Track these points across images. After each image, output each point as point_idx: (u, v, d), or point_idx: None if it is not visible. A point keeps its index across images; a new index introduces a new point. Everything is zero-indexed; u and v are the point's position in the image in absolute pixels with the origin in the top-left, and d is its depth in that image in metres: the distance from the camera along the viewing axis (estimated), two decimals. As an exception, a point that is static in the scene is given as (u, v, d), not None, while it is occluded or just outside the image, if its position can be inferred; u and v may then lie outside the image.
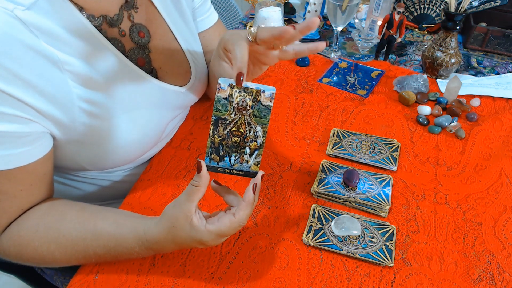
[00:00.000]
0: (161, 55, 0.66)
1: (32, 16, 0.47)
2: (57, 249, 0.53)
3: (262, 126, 0.48)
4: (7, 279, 1.40)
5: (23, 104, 0.47)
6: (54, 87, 0.50)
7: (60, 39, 0.50)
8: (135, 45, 0.62)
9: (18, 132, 0.48)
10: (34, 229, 0.53)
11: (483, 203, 0.66)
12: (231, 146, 0.48)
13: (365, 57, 1.06)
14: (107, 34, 0.57)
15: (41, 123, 0.51)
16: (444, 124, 0.80)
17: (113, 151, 0.61)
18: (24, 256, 0.54)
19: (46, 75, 0.49)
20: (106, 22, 0.57)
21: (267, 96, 0.47)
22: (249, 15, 1.24)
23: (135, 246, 0.52)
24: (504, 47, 1.03)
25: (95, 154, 0.60)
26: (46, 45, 0.48)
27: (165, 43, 0.67)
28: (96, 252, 0.53)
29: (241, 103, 0.47)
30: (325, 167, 0.71)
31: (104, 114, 0.57)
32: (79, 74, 0.52)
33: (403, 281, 0.56)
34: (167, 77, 0.67)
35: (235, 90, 0.46)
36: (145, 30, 0.63)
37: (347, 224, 0.60)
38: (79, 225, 0.54)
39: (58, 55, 0.50)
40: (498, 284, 0.55)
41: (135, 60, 0.61)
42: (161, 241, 0.51)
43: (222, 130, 0.47)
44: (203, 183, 0.47)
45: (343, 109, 0.86)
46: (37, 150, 0.52)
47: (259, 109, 0.47)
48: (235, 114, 0.47)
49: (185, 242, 0.50)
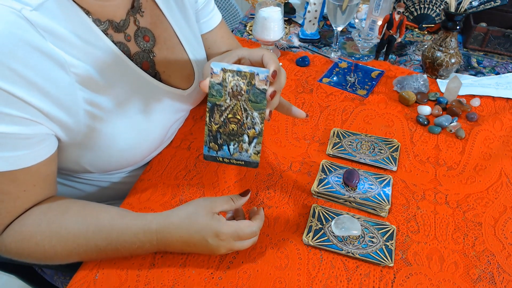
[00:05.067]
0: (165, 58, 0.66)
1: (40, 17, 0.46)
2: (59, 242, 0.53)
3: (259, 112, 0.46)
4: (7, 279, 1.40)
5: (28, 105, 0.47)
6: (59, 89, 0.50)
7: (67, 41, 0.50)
8: (140, 49, 0.62)
9: (22, 134, 0.48)
10: (36, 223, 0.53)
11: (483, 203, 0.66)
12: (228, 134, 0.47)
13: (365, 57, 1.06)
14: (113, 39, 0.57)
15: (46, 125, 0.51)
16: (444, 124, 0.80)
17: (116, 154, 0.61)
18: (25, 252, 0.54)
19: (52, 76, 0.49)
20: (112, 27, 0.57)
21: (262, 79, 0.45)
22: (249, 15, 1.24)
23: (139, 233, 0.52)
24: (504, 47, 1.03)
25: (98, 157, 0.60)
26: (53, 46, 0.48)
27: (169, 47, 0.67)
28: (97, 244, 0.53)
29: (235, 87, 0.46)
30: (325, 167, 0.71)
31: (109, 117, 0.57)
32: (85, 77, 0.52)
33: (403, 281, 0.56)
34: (170, 80, 0.67)
35: (228, 74, 0.45)
36: (150, 34, 0.63)
37: (347, 224, 0.60)
38: (81, 219, 0.54)
39: (65, 57, 0.49)
40: (498, 284, 0.55)
41: (140, 64, 0.61)
42: (173, 228, 0.52)
43: (218, 117, 0.46)
44: (238, 204, 0.55)
45: (343, 109, 0.86)
46: (41, 152, 0.52)
47: (254, 93, 0.46)
48: (230, 99, 0.46)
49: (199, 233, 0.51)
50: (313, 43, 1.11)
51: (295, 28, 1.18)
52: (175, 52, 0.68)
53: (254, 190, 0.68)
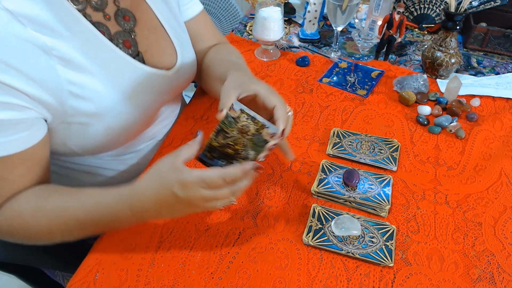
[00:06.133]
0: (147, 39, 0.67)
1: (19, 4, 0.48)
2: (42, 217, 0.54)
3: (255, 152, 0.51)
4: (7, 279, 1.40)
5: (17, 91, 0.49)
6: (43, 72, 0.52)
7: (46, 25, 0.51)
8: (121, 28, 0.63)
9: (14, 119, 0.50)
10: (26, 201, 0.55)
11: (483, 203, 0.66)
12: (224, 154, 0.52)
13: (365, 57, 1.06)
14: (91, 18, 0.58)
15: (35, 109, 0.52)
16: (444, 124, 0.80)
17: (101, 134, 0.62)
18: (14, 230, 0.56)
19: (35, 62, 0.51)
20: (91, 6, 0.58)
21: (269, 133, 0.50)
22: (249, 15, 1.24)
23: (112, 203, 0.53)
24: (504, 47, 1.03)
25: (84, 137, 0.61)
26: (33, 32, 0.50)
27: (151, 28, 0.68)
28: (77, 218, 0.54)
29: (245, 127, 0.50)
30: (325, 167, 0.71)
31: (92, 97, 0.58)
32: (66, 58, 0.54)
33: (403, 281, 0.56)
34: (152, 60, 0.68)
35: (244, 115, 0.49)
36: (130, 14, 0.65)
37: (347, 224, 0.60)
38: (65, 194, 0.56)
39: (46, 41, 0.51)
40: (498, 284, 0.55)
41: (122, 44, 0.62)
42: (140, 190, 0.51)
43: (221, 139, 0.51)
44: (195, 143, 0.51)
45: (343, 109, 0.86)
46: (34, 136, 0.54)
47: (258, 139, 0.50)
48: (236, 133, 0.50)
49: (165, 187, 0.49)
50: (313, 43, 1.11)
51: (295, 28, 1.18)
52: (157, 33, 0.69)
53: (254, 190, 0.68)
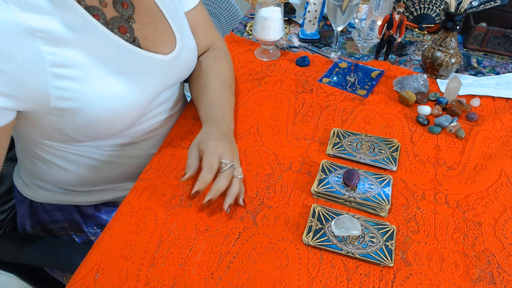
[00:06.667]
0: (145, 25, 0.67)
1: None
2: None
3: None
4: (7, 279, 1.40)
5: None
6: (25, 55, 0.51)
7: (35, 6, 0.51)
8: (119, 14, 0.63)
9: None
10: None
11: (483, 203, 0.66)
12: None
13: (365, 57, 1.06)
14: (86, 3, 0.58)
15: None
16: (444, 124, 0.80)
17: (95, 117, 0.61)
18: None
19: (17, 43, 0.50)
20: None
21: None
22: (249, 15, 1.24)
23: None
24: (504, 47, 1.03)
25: (77, 122, 0.61)
26: (18, 13, 0.49)
27: (150, 15, 0.68)
28: None
29: None
30: (325, 167, 0.71)
31: (79, 80, 0.57)
32: (53, 40, 0.53)
33: (403, 281, 0.56)
34: (152, 46, 0.68)
35: None
36: (128, 1, 0.65)
37: (347, 224, 0.60)
38: None
39: (31, 23, 0.50)
40: (498, 284, 0.55)
41: (116, 29, 0.62)
42: None
43: None
44: None
45: (343, 109, 0.86)
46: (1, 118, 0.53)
47: None
48: None
49: None
50: (313, 43, 1.11)
51: (295, 28, 1.18)
52: (156, 20, 0.69)
53: (254, 190, 0.68)
